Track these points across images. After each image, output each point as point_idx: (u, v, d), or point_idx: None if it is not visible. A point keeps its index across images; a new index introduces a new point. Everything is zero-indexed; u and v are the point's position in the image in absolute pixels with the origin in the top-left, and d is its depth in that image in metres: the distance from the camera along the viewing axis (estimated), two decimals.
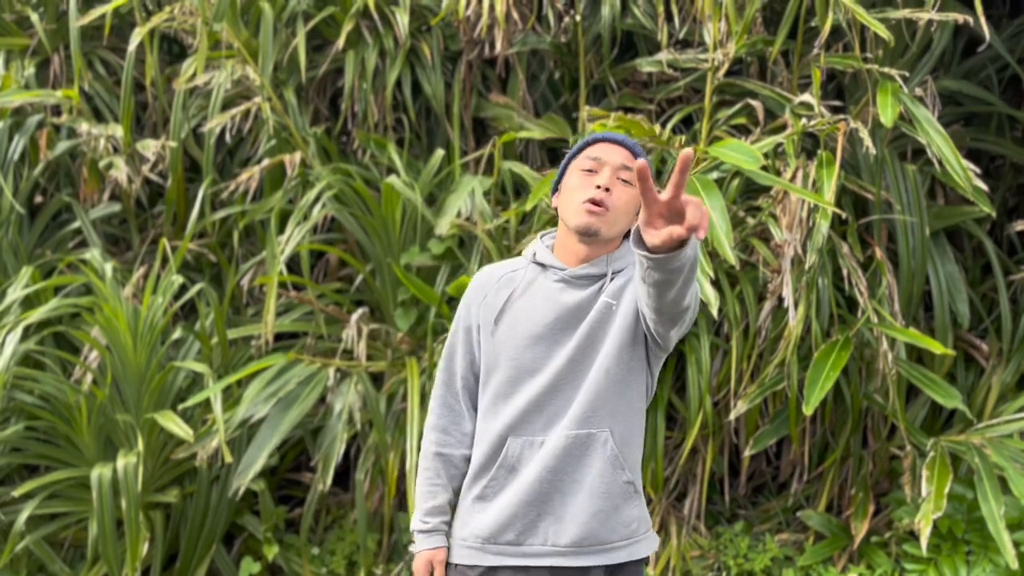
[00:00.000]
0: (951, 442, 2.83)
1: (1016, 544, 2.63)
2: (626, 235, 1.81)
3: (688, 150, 1.38)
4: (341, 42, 3.52)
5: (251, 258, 3.64)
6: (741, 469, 3.34)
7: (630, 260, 1.78)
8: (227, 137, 3.46)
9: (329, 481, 2.91)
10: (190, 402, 2.84)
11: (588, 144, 1.79)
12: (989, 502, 2.58)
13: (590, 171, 1.74)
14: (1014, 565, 2.45)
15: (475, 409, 1.85)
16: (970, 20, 2.61)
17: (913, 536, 2.86)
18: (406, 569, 3.10)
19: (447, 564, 1.81)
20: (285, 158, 3.38)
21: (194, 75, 3.35)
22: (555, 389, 1.74)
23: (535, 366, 1.75)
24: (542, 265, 1.79)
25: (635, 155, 1.76)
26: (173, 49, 4.14)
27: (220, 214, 3.59)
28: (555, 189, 1.83)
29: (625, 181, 1.73)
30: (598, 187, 1.70)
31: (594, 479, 1.72)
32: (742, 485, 3.41)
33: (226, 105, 3.63)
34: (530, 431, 1.74)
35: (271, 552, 3.04)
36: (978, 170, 2.69)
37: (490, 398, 1.79)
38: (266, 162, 3.40)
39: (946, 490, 2.63)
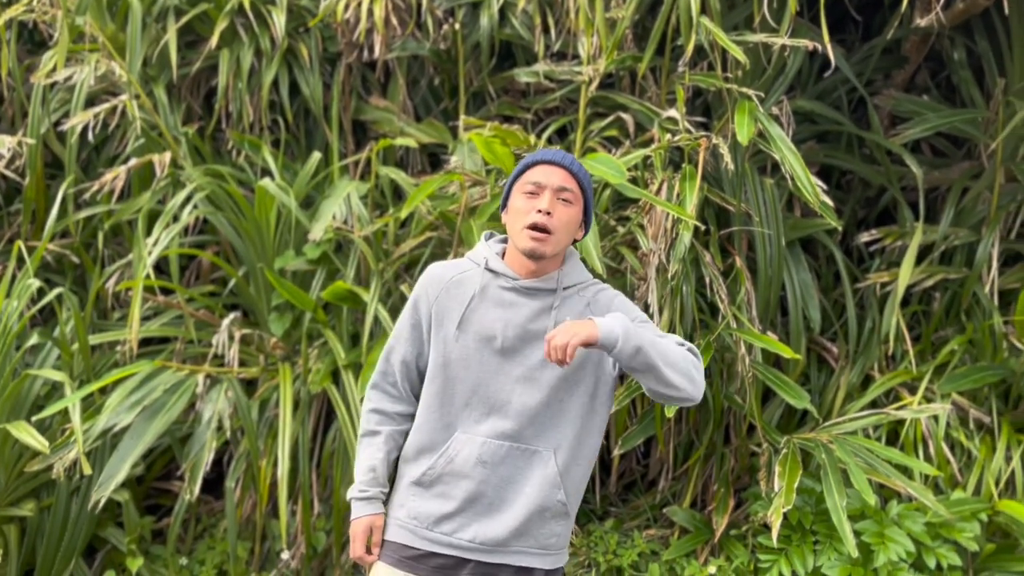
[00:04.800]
0: (802, 439, 3.01)
1: (857, 534, 2.83)
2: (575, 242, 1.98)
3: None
4: (215, 40, 3.44)
5: (117, 260, 3.52)
6: (612, 468, 3.46)
7: (578, 278, 1.92)
8: (90, 135, 3.32)
9: (197, 490, 2.85)
10: (47, 412, 2.72)
11: (528, 166, 1.89)
12: (833, 495, 2.76)
13: (532, 194, 1.85)
14: (855, 554, 2.64)
15: (415, 396, 1.95)
16: (819, 46, 2.79)
17: (767, 528, 3.03)
18: None
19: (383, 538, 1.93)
20: (154, 158, 3.27)
21: (54, 69, 3.19)
22: (507, 401, 1.85)
23: (487, 372, 1.85)
24: (493, 272, 1.88)
25: (572, 171, 1.87)
26: (35, 38, 3.94)
27: (84, 214, 3.45)
28: (503, 206, 1.94)
29: (565, 200, 1.85)
30: (539, 211, 1.81)
31: (531, 493, 1.85)
32: (613, 483, 3.53)
33: (91, 101, 3.49)
34: (476, 432, 1.85)
35: (135, 564, 2.94)
36: (825, 186, 2.88)
37: (440, 394, 1.88)
38: (133, 161, 3.29)
39: (795, 485, 2.79)
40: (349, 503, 1.95)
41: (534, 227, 1.82)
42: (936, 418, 3.10)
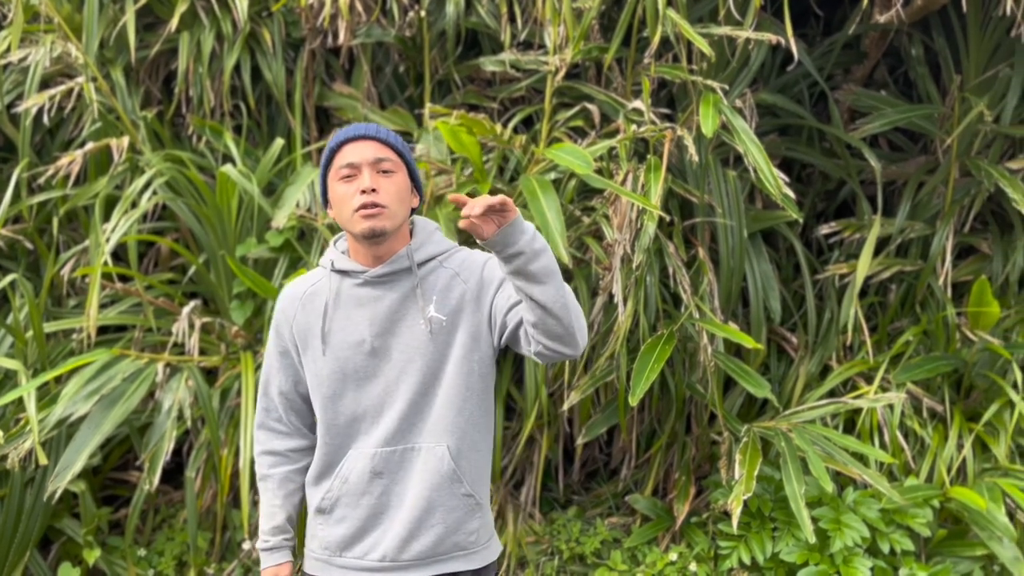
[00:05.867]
0: (762, 428, 3.07)
1: (814, 520, 2.89)
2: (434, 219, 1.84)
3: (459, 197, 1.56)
4: (174, 23, 3.37)
5: (73, 246, 3.44)
6: (575, 457, 3.48)
7: (436, 249, 1.78)
8: (45, 118, 3.24)
9: (156, 480, 2.80)
10: (1, 401, 2.66)
11: (335, 151, 1.75)
12: (792, 483, 2.81)
13: (348, 177, 1.71)
14: (812, 540, 2.69)
15: (305, 425, 1.86)
16: (782, 40, 2.82)
17: (727, 515, 3.08)
18: (240, 567, 3.04)
19: (301, 571, 1.84)
20: (112, 142, 3.20)
21: (8, 50, 3.10)
22: (391, 404, 1.74)
23: (364, 379, 1.75)
24: (342, 272, 1.77)
25: (382, 139, 1.74)
26: None
27: (38, 199, 3.36)
28: (325, 202, 1.79)
29: (385, 171, 1.72)
30: (363, 191, 1.68)
31: (432, 494, 1.73)
32: (576, 472, 3.56)
33: (46, 83, 3.40)
34: (366, 445, 1.75)
35: (92, 556, 2.89)
36: (787, 178, 2.92)
37: (323, 415, 1.79)
38: (90, 145, 3.21)
39: (755, 472, 2.84)
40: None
41: (363, 207, 1.67)
42: (891, 407, 3.17)
